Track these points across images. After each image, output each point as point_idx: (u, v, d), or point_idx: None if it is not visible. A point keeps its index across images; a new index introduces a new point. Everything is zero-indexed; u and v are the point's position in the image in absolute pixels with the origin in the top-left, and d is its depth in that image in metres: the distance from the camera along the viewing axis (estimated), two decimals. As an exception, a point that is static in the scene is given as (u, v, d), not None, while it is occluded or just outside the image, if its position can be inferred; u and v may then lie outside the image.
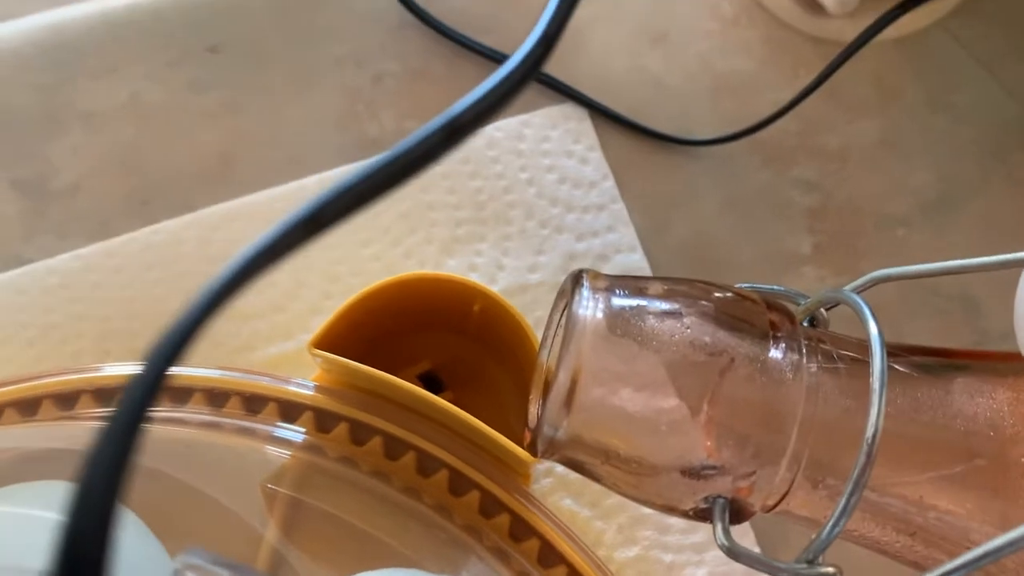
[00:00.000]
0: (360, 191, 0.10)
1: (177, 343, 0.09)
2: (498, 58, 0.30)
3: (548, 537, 0.22)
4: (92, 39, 0.31)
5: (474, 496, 0.23)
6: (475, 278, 0.28)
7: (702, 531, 0.26)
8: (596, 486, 0.19)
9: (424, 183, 0.29)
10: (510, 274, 0.28)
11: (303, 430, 0.23)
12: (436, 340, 0.26)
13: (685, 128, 0.31)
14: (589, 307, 0.18)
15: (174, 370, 0.08)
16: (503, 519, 0.22)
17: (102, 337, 0.27)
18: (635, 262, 0.29)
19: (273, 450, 0.23)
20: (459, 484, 0.23)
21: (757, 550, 0.26)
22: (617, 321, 0.18)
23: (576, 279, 0.19)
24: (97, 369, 0.24)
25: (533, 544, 0.22)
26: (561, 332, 0.18)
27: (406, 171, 0.10)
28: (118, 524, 0.08)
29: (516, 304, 0.24)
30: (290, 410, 0.23)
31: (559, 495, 0.26)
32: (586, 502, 0.26)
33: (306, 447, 0.23)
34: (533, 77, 0.12)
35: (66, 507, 0.08)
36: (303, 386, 0.23)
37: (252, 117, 0.30)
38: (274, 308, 0.27)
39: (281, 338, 0.27)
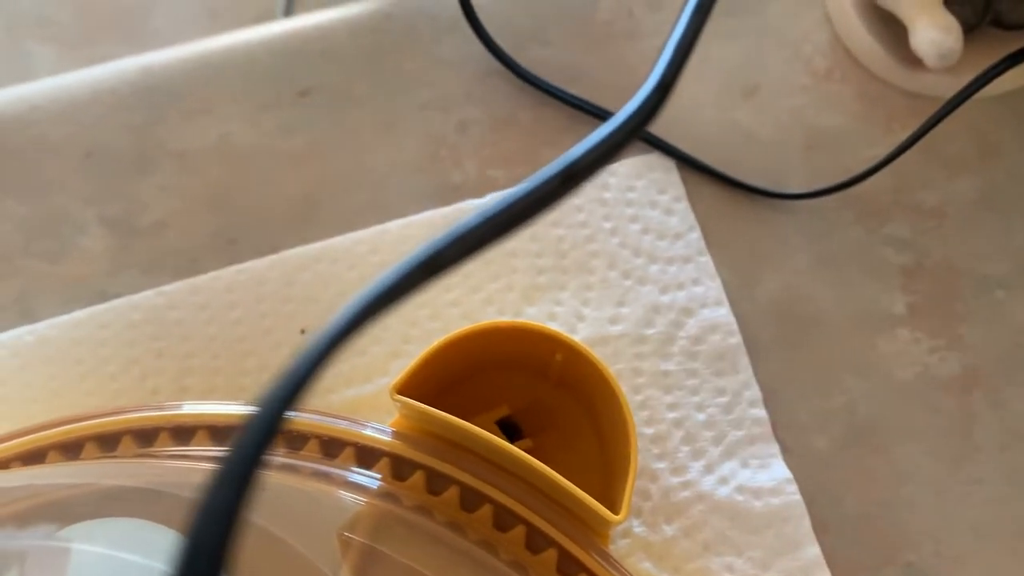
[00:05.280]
0: (478, 235, 0.10)
1: (294, 387, 0.08)
2: (585, 108, 0.30)
3: (628, 602, 0.21)
4: (187, 81, 0.31)
5: (551, 554, 0.22)
6: (554, 327, 0.27)
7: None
8: (678, 549, 0.18)
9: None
10: (590, 325, 0.28)
11: (379, 476, 0.23)
12: (517, 382, 0.26)
13: (775, 182, 0.30)
14: None
15: (290, 416, 0.08)
16: (581, 580, 0.22)
17: (182, 374, 0.27)
18: (721, 316, 0.28)
19: (348, 496, 0.22)
20: (536, 541, 0.22)
21: None
22: None
23: None
24: (177, 407, 0.24)
25: (612, 608, 0.21)
26: None
27: (523, 215, 0.10)
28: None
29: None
30: (367, 455, 0.23)
31: (637, 557, 0.25)
32: (668, 567, 0.25)
33: (381, 494, 0.22)
34: (649, 124, 0.12)
35: (175, 561, 0.08)
36: (381, 431, 0.23)
37: (337, 161, 0.30)
38: (354, 351, 0.27)
39: (360, 381, 0.27)
